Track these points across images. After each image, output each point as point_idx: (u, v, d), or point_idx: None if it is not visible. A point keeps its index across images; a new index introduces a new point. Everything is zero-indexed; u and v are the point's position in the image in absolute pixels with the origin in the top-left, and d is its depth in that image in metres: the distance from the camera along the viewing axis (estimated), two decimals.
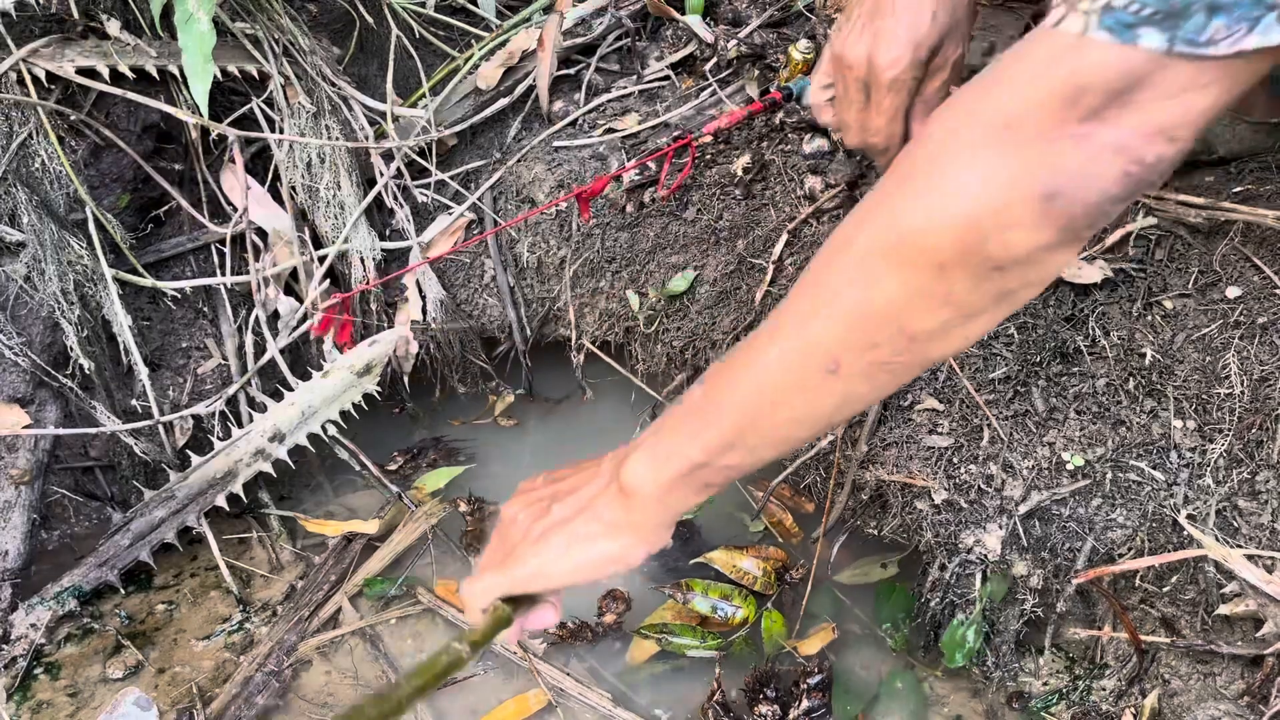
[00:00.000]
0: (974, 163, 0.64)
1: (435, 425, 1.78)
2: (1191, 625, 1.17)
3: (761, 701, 1.28)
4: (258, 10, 1.53)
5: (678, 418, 0.80)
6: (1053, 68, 0.61)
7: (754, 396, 0.75)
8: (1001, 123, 0.63)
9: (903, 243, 0.66)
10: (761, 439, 0.77)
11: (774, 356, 0.74)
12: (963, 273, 0.66)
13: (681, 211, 1.54)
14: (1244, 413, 1.17)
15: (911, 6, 0.92)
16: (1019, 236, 0.64)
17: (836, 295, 0.70)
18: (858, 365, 0.71)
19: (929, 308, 0.68)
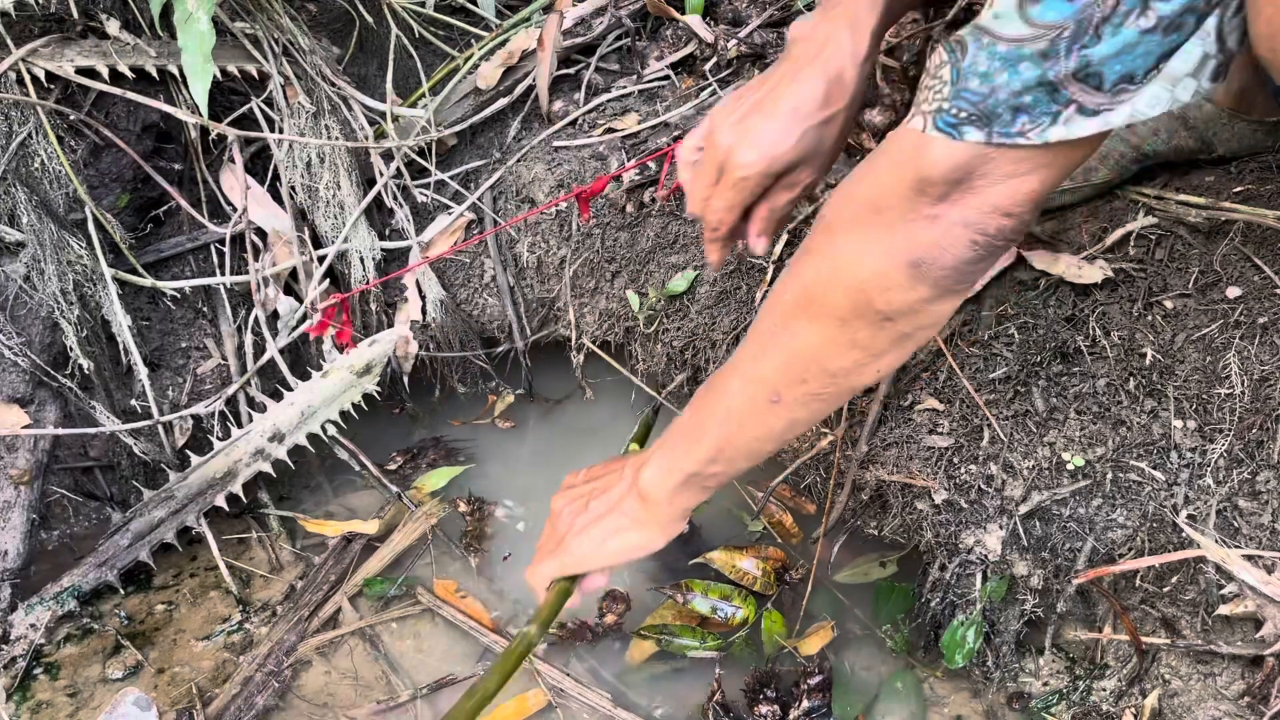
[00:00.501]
0: (854, 238, 0.82)
1: (435, 425, 1.78)
2: (1192, 625, 1.17)
3: (761, 702, 1.28)
4: (257, 10, 1.53)
5: (676, 435, 1.00)
6: (905, 161, 0.78)
7: (725, 421, 0.94)
8: (872, 206, 0.80)
9: (811, 302, 0.85)
10: (736, 453, 0.96)
11: (735, 388, 0.93)
12: (861, 323, 0.83)
13: (681, 211, 1.54)
14: (1244, 413, 1.17)
15: (785, 123, 0.95)
16: (898, 295, 0.81)
17: (773, 341, 0.89)
18: (794, 396, 0.89)
19: (840, 351, 0.85)
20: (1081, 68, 0.69)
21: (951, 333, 1.31)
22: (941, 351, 1.31)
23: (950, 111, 0.74)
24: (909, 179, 0.77)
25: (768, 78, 0.99)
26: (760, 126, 0.95)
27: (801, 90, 0.95)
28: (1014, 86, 0.71)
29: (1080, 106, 0.71)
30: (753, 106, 0.97)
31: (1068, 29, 0.68)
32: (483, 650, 1.40)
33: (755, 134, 0.96)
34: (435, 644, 1.42)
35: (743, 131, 0.96)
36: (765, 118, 0.95)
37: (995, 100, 0.72)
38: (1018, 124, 0.72)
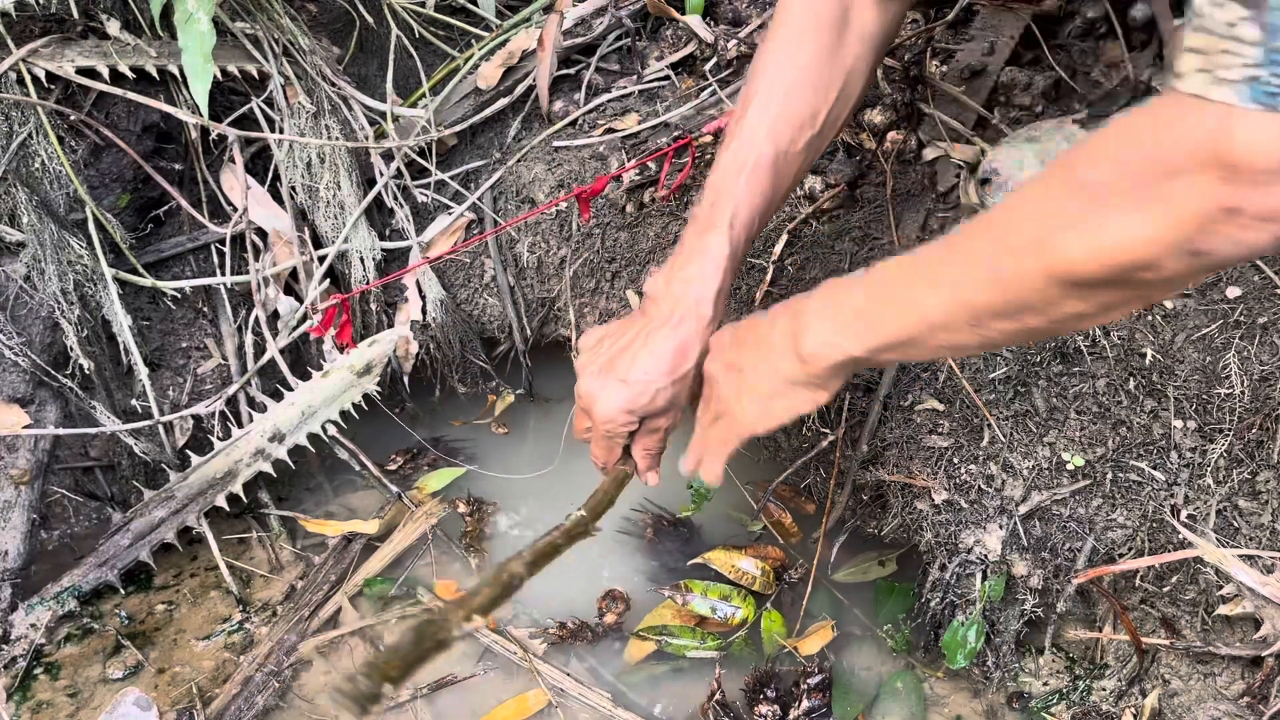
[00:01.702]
0: (1127, 218, 0.70)
1: (435, 425, 1.78)
2: (1191, 625, 1.17)
3: (761, 702, 1.28)
4: (257, 10, 1.53)
5: (846, 313, 0.93)
6: (1204, 140, 0.64)
7: (913, 322, 0.87)
8: (1152, 182, 0.67)
9: (1053, 259, 0.75)
10: (916, 352, 0.90)
11: (933, 302, 0.85)
12: (1108, 290, 0.74)
13: (681, 211, 1.54)
14: (1244, 413, 1.17)
15: (639, 387, 1.04)
16: (1160, 275, 0.71)
17: (991, 273, 0.80)
18: (1000, 329, 0.82)
19: (1072, 307, 0.77)
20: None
21: None
22: None
23: (1272, 82, 0.61)
24: (1207, 161, 0.64)
25: (626, 329, 1.08)
26: (616, 388, 1.04)
27: (654, 357, 1.03)
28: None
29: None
30: (610, 361, 1.06)
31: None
32: (483, 650, 1.40)
33: (613, 393, 1.04)
34: None
35: (602, 387, 1.05)
36: (621, 380, 1.04)
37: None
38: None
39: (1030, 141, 1.28)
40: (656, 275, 1.08)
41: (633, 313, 1.12)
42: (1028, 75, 1.41)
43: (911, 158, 1.44)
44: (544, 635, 1.40)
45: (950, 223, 1.38)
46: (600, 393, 1.05)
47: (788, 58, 1.06)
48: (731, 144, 1.06)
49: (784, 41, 1.07)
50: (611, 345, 1.07)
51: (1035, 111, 1.41)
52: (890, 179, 1.42)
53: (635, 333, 1.06)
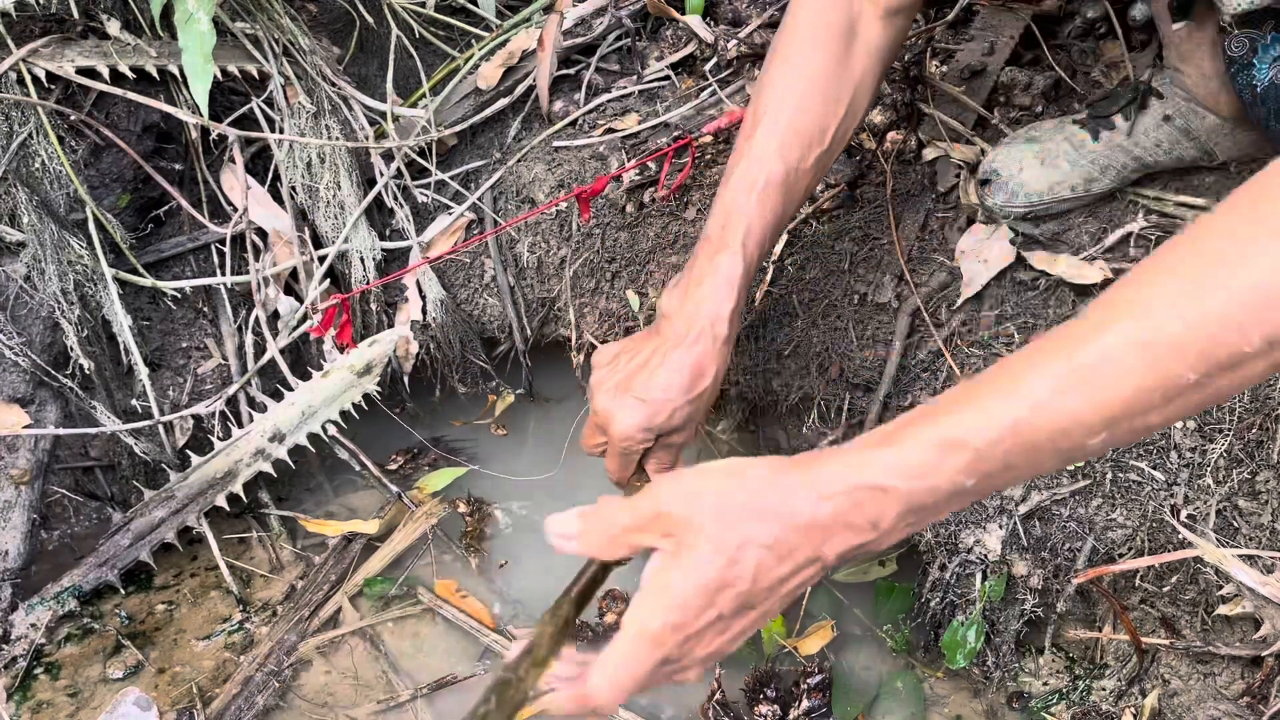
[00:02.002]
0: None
1: (435, 425, 1.78)
2: (1191, 625, 1.17)
3: (761, 701, 1.28)
4: (258, 10, 1.53)
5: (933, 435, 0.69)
6: None
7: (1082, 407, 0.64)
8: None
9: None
10: (1048, 460, 0.67)
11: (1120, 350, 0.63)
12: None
13: (681, 211, 1.54)
14: (1244, 413, 1.17)
15: (655, 405, 1.02)
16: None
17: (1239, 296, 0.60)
18: (1227, 380, 0.62)
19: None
20: None
21: (951, 333, 1.31)
22: (941, 352, 1.31)
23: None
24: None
25: (641, 345, 1.06)
26: (634, 406, 1.03)
27: (670, 373, 1.02)
28: None
29: None
30: (627, 379, 1.04)
31: None
32: (483, 650, 1.40)
33: (631, 410, 1.03)
34: (435, 644, 1.42)
35: (619, 405, 1.04)
36: (639, 398, 1.03)
37: None
38: None
39: (1030, 141, 1.28)
40: (671, 293, 1.08)
41: (646, 329, 1.11)
42: (1028, 75, 1.41)
43: (911, 158, 1.44)
44: None
45: (950, 223, 1.38)
46: (618, 411, 1.04)
47: (796, 73, 1.06)
48: (741, 162, 1.06)
49: (792, 57, 1.07)
50: (628, 362, 1.07)
51: (1035, 111, 1.41)
52: (890, 179, 1.42)
53: (651, 350, 1.06)
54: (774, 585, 0.70)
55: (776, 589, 0.71)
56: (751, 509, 0.69)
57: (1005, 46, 1.45)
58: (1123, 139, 1.26)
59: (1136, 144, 1.26)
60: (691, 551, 0.70)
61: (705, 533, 0.69)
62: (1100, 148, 1.27)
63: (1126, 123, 1.27)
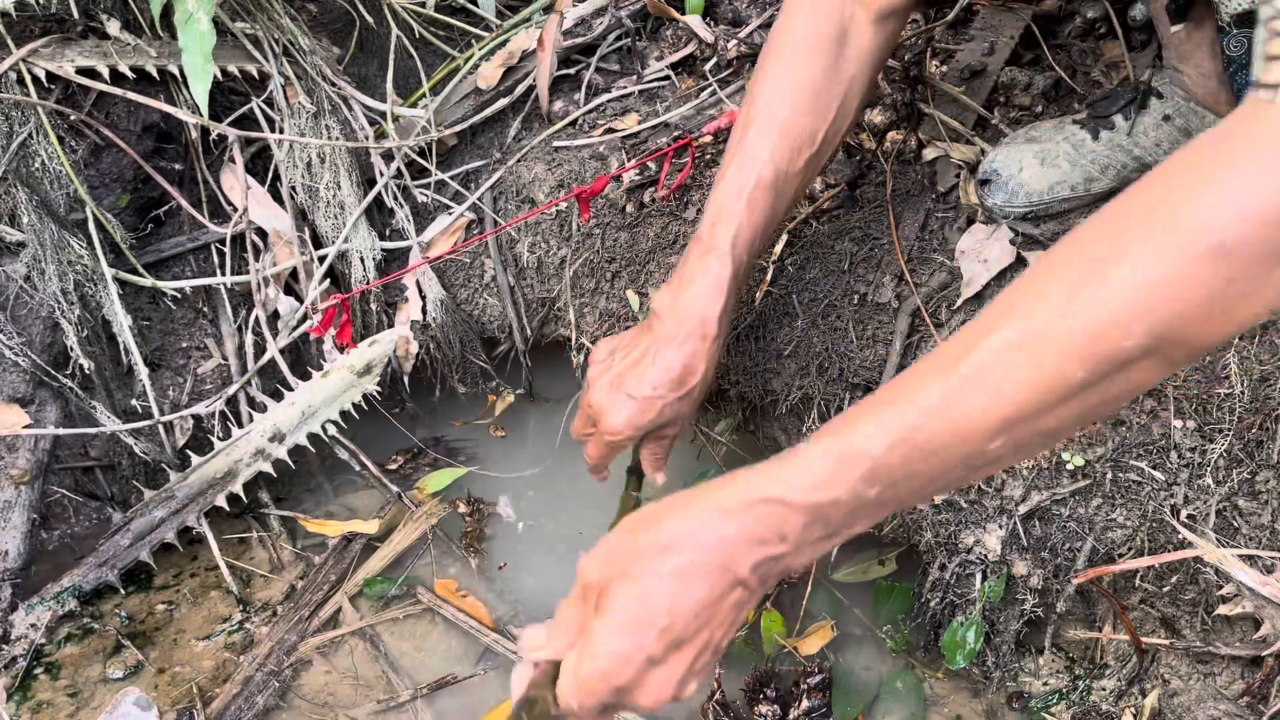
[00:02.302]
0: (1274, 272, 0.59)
1: (435, 425, 1.78)
2: (1191, 625, 1.17)
3: (761, 701, 1.28)
4: (258, 10, 1.53)
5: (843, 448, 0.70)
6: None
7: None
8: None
9: (1215, 235, 0.59)
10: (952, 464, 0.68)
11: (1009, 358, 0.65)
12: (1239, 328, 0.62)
13: (681, 211, 1.54)
14: (1244, 413, 1.17)
15: (646, 402, 1.07)
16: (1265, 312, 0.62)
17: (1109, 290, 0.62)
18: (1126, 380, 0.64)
19: (1243, 303, 0.61)
20: None
21: (952, 333, 1.31)
22: None
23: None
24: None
25: (635, 342, 1.10)
26: (625, 402, 1.07)
27: (660, 372, 1.06)
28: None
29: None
30: (620, 376, 1.08)
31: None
32: (483, 650, 1.40)
33: (621, 407, 1.08)
34: (435, 644, 1.42)
35: (612, 400, 1.08)
36: (629, 394, 1.07)
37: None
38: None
39: (1030, 141, 1.28)
40: (663, 291, 1.10)
41: (640, 325, 1.14)
42: (1028, 75, 1.41)
43: (911, 158, 1.44)
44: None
45: (950, 223, 1.38)
46: (610, 406, 1.08)
47: (787, 77, 1.07)
48: (733, 164, 1.08)
49: (784, 60, 1.08)
50: (622, 359, 1.10)
51: (1035, 111, 1.41)
52: (890, 179, 1.42)
53: (644, 348, 1.09)
54: (698, 613, 0.70)
55: (703, 617, 0.71)
56: (657, 546, 0.71)
57: (1005, 46, 1.45)
58: (1123, 139, 1.26)
59: (1136, 144, 1.26)
60: (608, 602, 0.71)
61: (614, 583, 0.71)
62: (1100, 148, 1.27)
63: (1126, 123, 1.27)
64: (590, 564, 0.74)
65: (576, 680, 0.73)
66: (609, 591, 0.72)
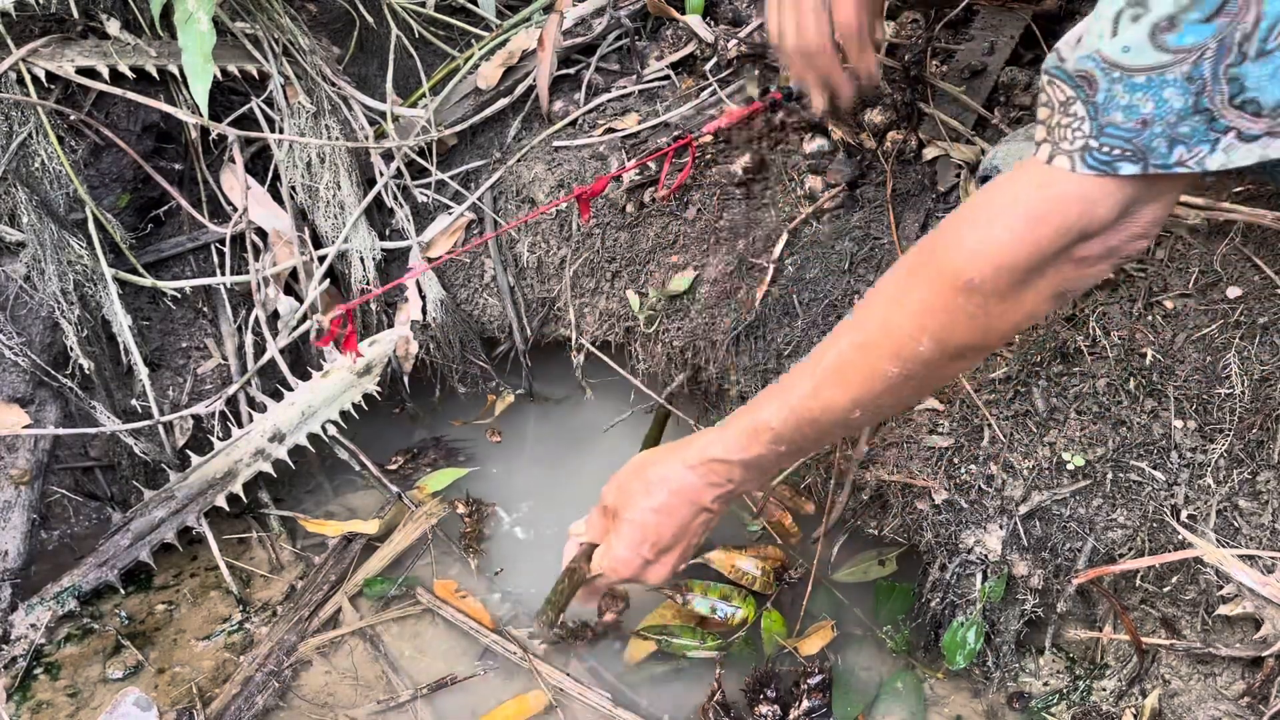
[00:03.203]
0: (1010, 305, 0.84)
1: (435, 425, 1.78)
2: (1192, 625, 1.17)
3: (761, 702, 1.28)
4: (257, 10, 1.53)
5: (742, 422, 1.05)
6: (1060, 210, 0.78)
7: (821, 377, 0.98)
8: (1028, 271, 0.81)
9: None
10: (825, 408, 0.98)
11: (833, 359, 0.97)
12: (994, 300, 0.84)
13: (681, 211, 1.54)
14: (1244, 413, 1.17)
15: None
16: (1038, 319, 0.91)
17: (900, 298, 0.91)
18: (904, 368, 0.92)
19: (967, 326, 0.87)
20: (1236, 93, 0.70)
21: None
22: None
23: (1100, 149, 0.74)
24: (1068, 228, 0.78)
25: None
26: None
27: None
28: (1168, 118, 0.71)
29: (1240, 133, 0.71)
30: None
31: (1209, 50, 0.68)
32: (483, 650, 1.40)
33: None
34: (435, 644, 1.42)
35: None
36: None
37: (1150, 134, 0.72)
38: (1175, 155, 0.73)
39: (1030, 140, 1.28)
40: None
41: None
42: (1028, 75, 1.41)
43: (911, 158, 1.44)
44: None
45: None
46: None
47: None
48: None
49: None
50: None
51: (1035, 111, 1.41)
52: (890, 179, 1.42)
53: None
54: (675, 533, 1.08)
55: (679, 534, 1.08)
56: (645, 488, 1.07)
57: (1005, 46, 1.45)
58: None
59: None
60: (621, 523, 1.10)
61: (623, 510, 1.09)
62: None
63: None
64: (608, 491, 1.12)
65: (601, 567, 1.13)
66: (618, 515, 1.09)
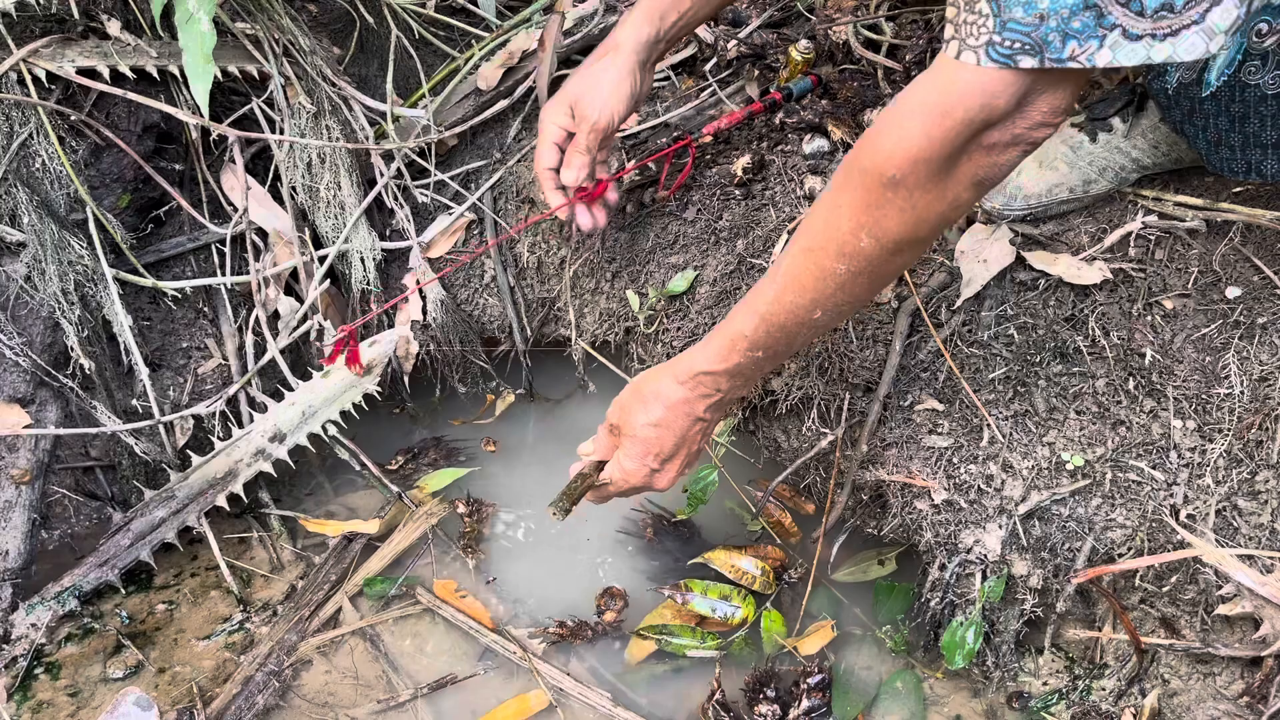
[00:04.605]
0: (930, 195, 0.90)
1: (435, 425, 1.79)
2: (1191, 625, 1.18)
3: (761, 701, 1.28)
4: (258, 10, 1.53)
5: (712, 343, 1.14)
6: (963, 101, 0.83)
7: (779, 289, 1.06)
8: (944, 162, 0.87)
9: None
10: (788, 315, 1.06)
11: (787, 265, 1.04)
12: (917, 191, 0.90)
13: (681, 211, 1.54)
14: (1244, 413, 1.17)
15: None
16: (965, 209, 0.94)
17: (833, 206, 0.98)
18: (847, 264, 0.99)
19: (895, 213, 0.93)
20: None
21: (952, 333, 1.32)
22: (941, 352, 1.31)
23: (1002, 43, 0.79)
24: (972, 119, 0.84)
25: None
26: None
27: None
28: (1061, 11, 0.77)
29: (1125, 31, 0.77)
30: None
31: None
32: (483, 650, 1.40)
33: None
34: (435, 644, 1.42)
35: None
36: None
37: (1046, 29, 0.78)
38: (1067, 49, 0.79)
39: None
40: None
41: None
42: None
43: None
44: (543, 635, 1.40)
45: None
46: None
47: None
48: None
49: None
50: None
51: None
52: None
53: None
54: (679, 440, 1.16)
55: (680, 443, 1.16)
56: (643, 405, 1.15)
57: None
58: (1120, 140, 1.27)
59: (1134, 145, 1.26)
60: (625, 439, 1.18)
61: (625, 428, 1.17)
62: (1098, 149, 1.28)
63: (1124, 124, 1.27)
64: (612, 411, 1.20)
65: (611, 476, 1.20)
66: (623, 432, 1.17)
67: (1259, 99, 1.05)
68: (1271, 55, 1.00)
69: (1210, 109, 1.10)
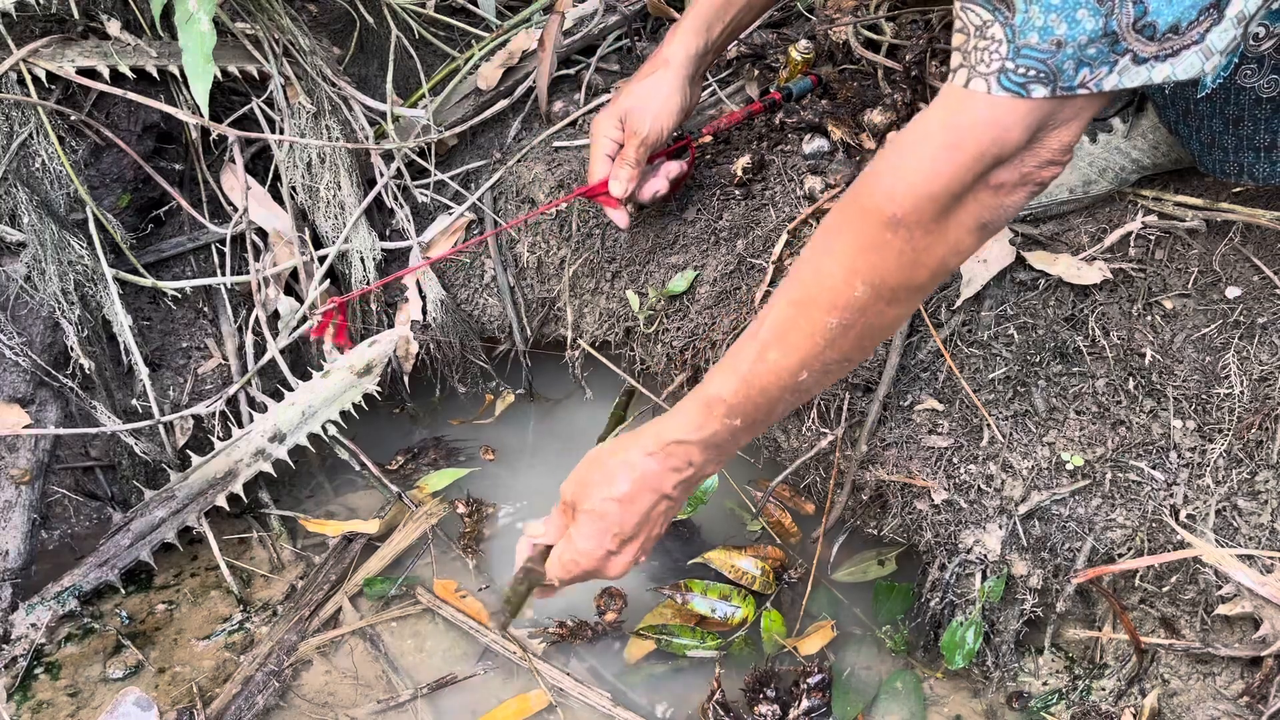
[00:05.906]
0: (937, 237, 0.86)
1: (435, 425, 1.79)
2: (1191, 625, 1.18)
3: (761, 701, 1.28)
4: (258, 10, 1.53)
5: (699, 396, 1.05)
6: (975, 134, 0.80)
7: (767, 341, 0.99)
8: (949, 201, 0.84)
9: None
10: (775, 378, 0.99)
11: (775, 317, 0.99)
12: (920, 233, 0.87)
13: (681, 211, 1.54)
14: (1244, 413, 1.17)
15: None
16: (967, 255, 0.90)
17: (825, 249, 0.94)
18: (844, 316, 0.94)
19: (898, 258, 0.89)
20: (1140, 15, 0.74)
21: (951, 333, 1.32)
22: (941, 352, 1.31)
23: (1015, 70, 0.77)
24: (983, 153, 0.81)
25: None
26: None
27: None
28: (1079, 39, 0.75)
29: (1135, 56, 0.76)
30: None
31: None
32: (483, 650, 1.40)
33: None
34: (435, 644, 1.42)
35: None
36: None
37: (1062, 56, 0.76)
38: (1079, 76, 0.77)
39: None
40: None
41: None
42: None
43: None
44: (543, 635, 1.40)
45: None
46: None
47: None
48: None
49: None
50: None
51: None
52: None
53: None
54: (640, 520, 1.06)
55: (642, 523, 1.06)
56: (606, 478, 1.06)
57: None
58: (1120, 141, 1.27)
59: (1134, 146, 1.26)
60: (581, 515, 1.08)
61: (583, 503, 1.07)
62: (1098, 150, 1.28)
63: (1124, 125, 1.27)
64: (566, 487, 1.10)
65: (560, 562, 1.10)
66: (579, 508, 1.07)
67: (1254, 102, 1.05)
68: (1268, 59, 0.99)
69: (1205, 111, 1.10)
